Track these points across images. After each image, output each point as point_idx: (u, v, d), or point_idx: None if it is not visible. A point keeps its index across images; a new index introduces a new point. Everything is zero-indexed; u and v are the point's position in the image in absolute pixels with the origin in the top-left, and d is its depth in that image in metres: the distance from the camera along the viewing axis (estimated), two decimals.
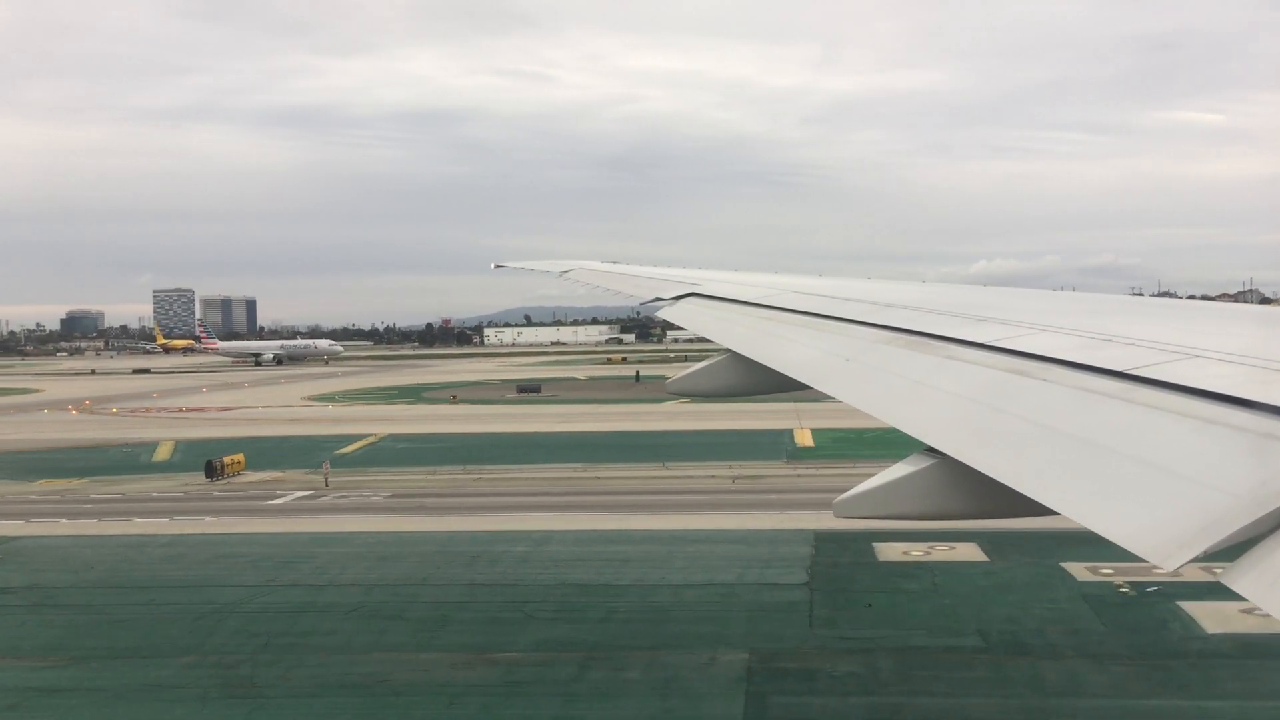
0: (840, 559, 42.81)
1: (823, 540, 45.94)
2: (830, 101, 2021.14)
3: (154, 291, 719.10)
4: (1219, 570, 4.64)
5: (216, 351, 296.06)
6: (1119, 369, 6.74)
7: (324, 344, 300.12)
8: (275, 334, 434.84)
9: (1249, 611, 34.64)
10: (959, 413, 7.64)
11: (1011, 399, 7.26)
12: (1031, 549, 42.77)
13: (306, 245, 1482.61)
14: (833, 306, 13.42)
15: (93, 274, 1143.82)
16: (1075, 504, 5.44)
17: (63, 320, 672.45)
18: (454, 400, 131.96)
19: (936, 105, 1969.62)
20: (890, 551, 43.70)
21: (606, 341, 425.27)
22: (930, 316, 10.95)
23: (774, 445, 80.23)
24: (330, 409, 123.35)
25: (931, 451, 7.41)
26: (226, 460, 68.54)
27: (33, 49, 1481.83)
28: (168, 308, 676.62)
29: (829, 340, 12.00)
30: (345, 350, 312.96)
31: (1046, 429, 6.44)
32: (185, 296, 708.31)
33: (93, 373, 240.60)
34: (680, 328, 20.77)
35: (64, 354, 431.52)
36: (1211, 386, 5.87)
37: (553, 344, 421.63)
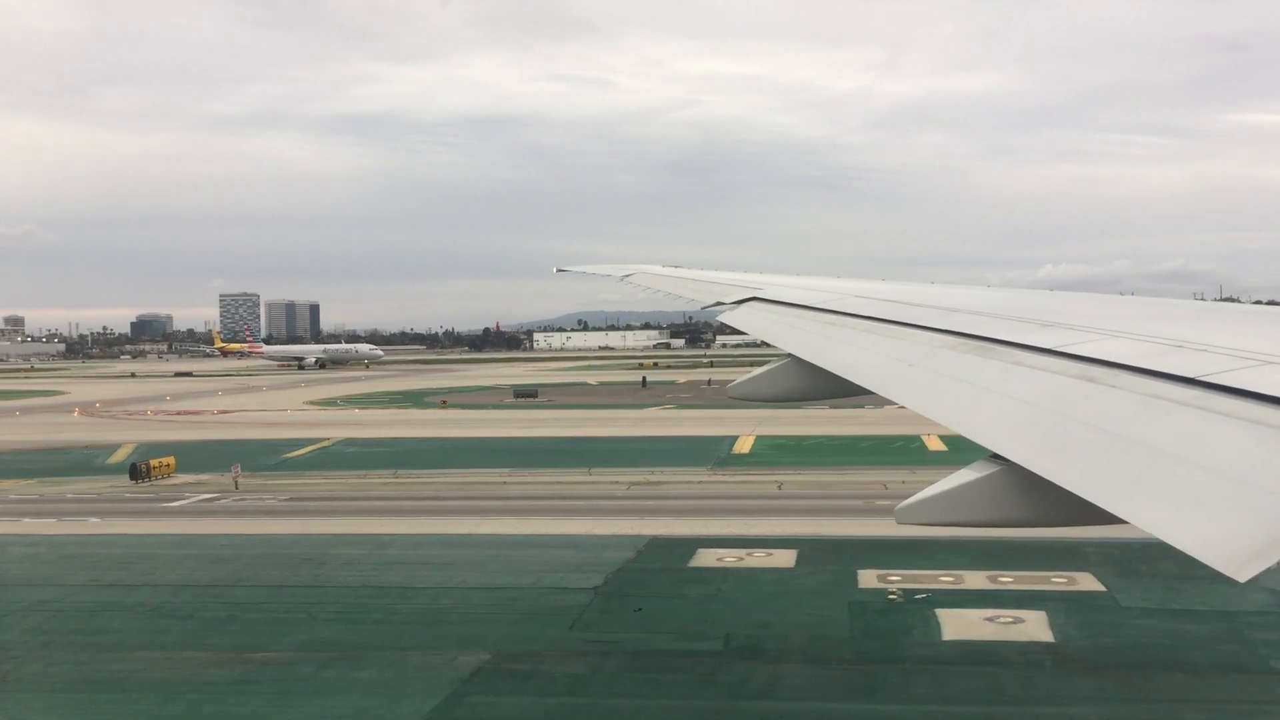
0: (652, 564, 43.87)
1: (654, 545, 47.07)
2: (892, 105, 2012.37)
3: (220, 295, 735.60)
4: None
5: (262, 355, 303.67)
6: (1190, 375, 6.67)
7: (365, 348, 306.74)
8: (334, 338, 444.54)
9: (992, 620, 35.39)
10: (1025, 419, 7.58)
11: (1079, 405, 7.20)
12: (841, 557, 43.58)
13: (370, 250, 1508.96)
14: (895, 311, 13.42)
15: (163, 279, 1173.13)
16: (1145, 512, 5.41)
17: (132, 324, 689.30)
18: (444, 405, 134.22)
19: (1000, 108, 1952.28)
20: (707, 558, 44.66)
21: (654, 346, 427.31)
22: (995, 321, 10.84)
23: (709, 452, 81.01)
24: (320, 413, 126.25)
25: (996, 458, 7.40)
26: (154, 463, 71.09)
27: (105, 58, 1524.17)
28: (233, 311, 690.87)
29: (892, 345, 11.96)
30: (387, 355, 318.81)
31: (1116, 436, 6.39)
32: (251, 300, 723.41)
33: (132, 375, 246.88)
34: (731, 332, 20.86)
35: (127, 356, 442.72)
36: None
37: (601, 349, 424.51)
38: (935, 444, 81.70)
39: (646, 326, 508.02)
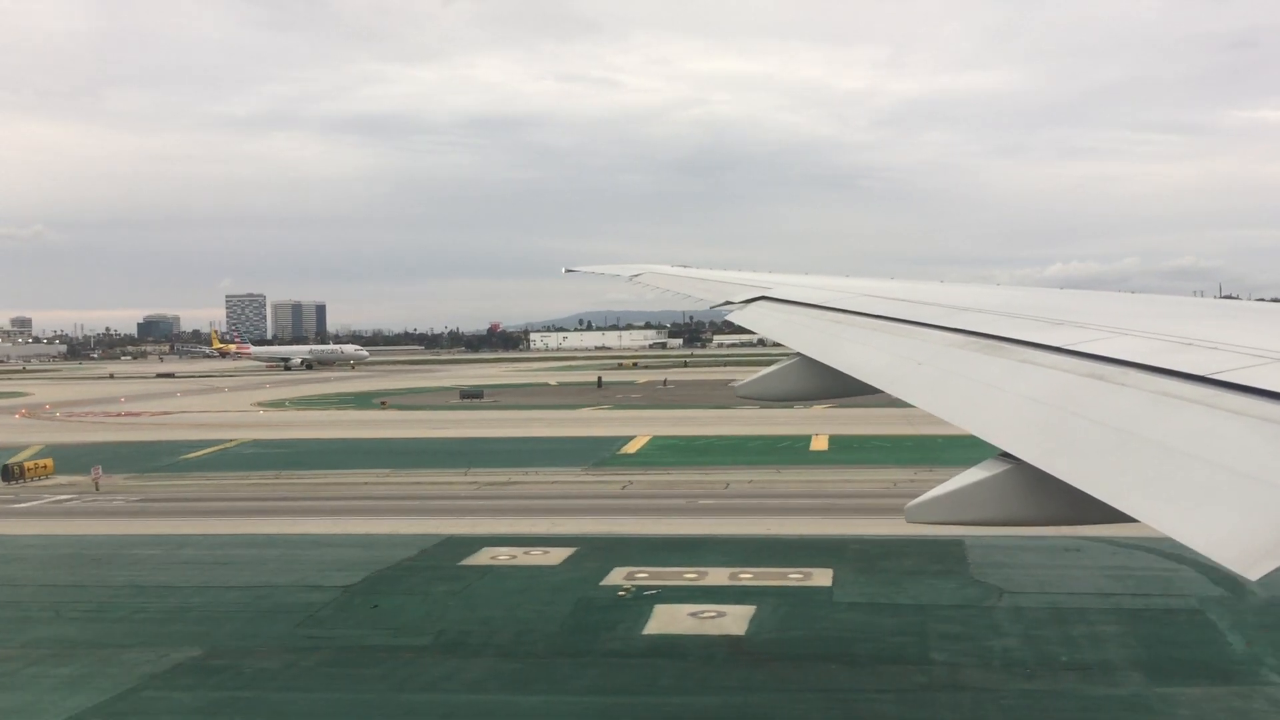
0: (424, 562, 44.74)
1: (445, 543, 48.01)
2: (898, 104, 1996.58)
3: (226, 296, 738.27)
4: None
5: (249, 356, 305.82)
6: (1200, 373, 6.61)
7: (350, 349, 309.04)
8: (337, 339, 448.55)
9: (696, 615, 36.24)
10: (1035, 417, 7.48)
11: (1089, 404, 7.11)
12: (608, 555, 44.35)
13: (377, 250, 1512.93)
14: (904, 310, 13.37)
15: (171, 279, 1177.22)
16: (1155, 511, 5.37)
17: (139, 325, 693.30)
18: (383, 406, 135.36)
19: (1008, 107, 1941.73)
20: (484, 556, 45.49)
21: (650, 346, 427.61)
22: (1004, 319, 10.82)
23: (597, 452, 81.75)
24: (259, 414, 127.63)
25: (1006, 457, 7.38)
26: (29, 465, 72.62)
27: (113, 59, 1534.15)
28: (240, 312, 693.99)
29: (901, 344, 11.89)
30: (381, 355, 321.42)
31: (1126, 435, 6.31)
32: (257, 301, 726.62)
33: (110, 377, 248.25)
34: (730, 331, 20.54)
35: (129, 358, 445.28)
36: None
37: (597, 348, 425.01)
38: (819, 444, 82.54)
39: (648, 326, 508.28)
